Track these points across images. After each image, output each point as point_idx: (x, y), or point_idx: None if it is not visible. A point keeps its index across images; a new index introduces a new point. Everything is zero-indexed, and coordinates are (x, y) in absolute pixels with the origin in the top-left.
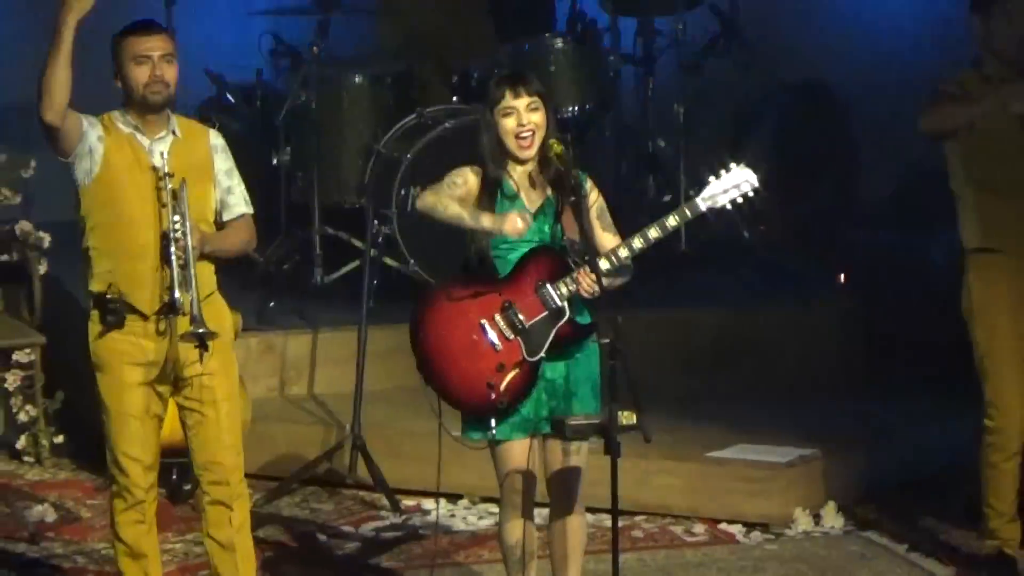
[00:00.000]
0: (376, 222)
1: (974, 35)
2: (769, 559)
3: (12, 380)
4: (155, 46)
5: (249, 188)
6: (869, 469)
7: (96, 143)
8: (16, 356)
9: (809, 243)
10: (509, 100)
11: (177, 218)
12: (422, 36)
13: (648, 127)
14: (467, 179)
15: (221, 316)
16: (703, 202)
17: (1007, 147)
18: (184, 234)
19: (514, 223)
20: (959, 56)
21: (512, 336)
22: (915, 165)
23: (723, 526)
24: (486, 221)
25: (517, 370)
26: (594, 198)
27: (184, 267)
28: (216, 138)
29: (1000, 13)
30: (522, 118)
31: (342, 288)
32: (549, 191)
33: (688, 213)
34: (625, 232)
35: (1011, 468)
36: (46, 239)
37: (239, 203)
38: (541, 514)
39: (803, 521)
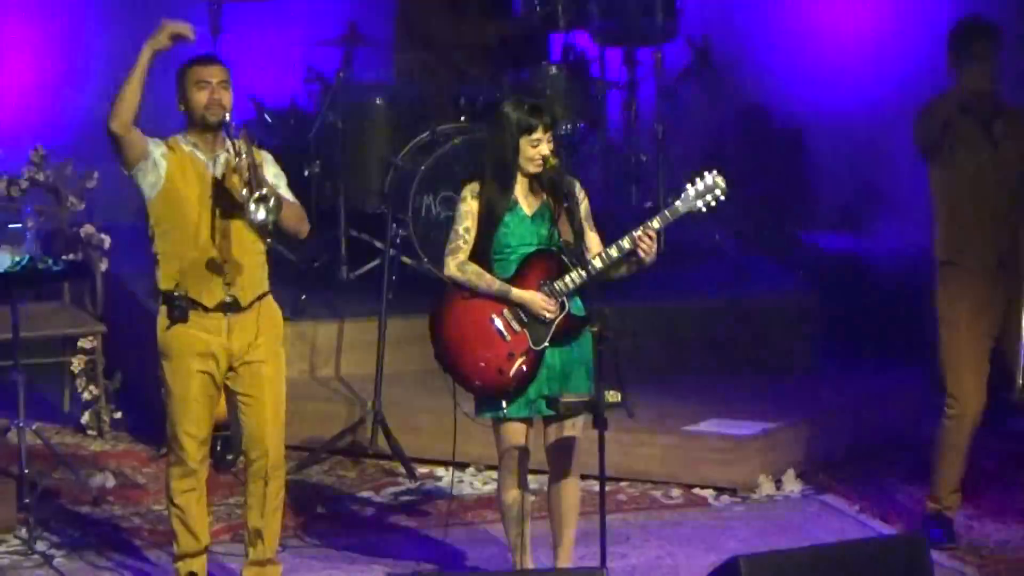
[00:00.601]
0: (394, 225)
1: (952, 71)
2: (736, 519)
3: (77, 363)
4: (214, 73)
5: None
6: (823, 440)
7: (160, 159)
8: (80, 342)
9: (773, 245)
10: (538, 134)
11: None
12: (433, 64)
13: (631, 143)
14: (470, 208)
15: (274, 314)
16: (683, 204)
17: (979, 180)
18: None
19: (545, 304)
20: (908, 89)
21: (519, 328)
22: (864, 178)
23: (696, 491)
24: (520, 295)
25: (524, 357)
26: (584, 203)
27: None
28: (264, 153)
29: (972, 54)
30: (543, 149)
31: (365, 283)
32: (545, 197)
33: (669, 216)
34: (613, 235)
35: (961, 446)
36: (106, 240)
37: (288, 196)
38: (537, 480)
39: (766, 486)
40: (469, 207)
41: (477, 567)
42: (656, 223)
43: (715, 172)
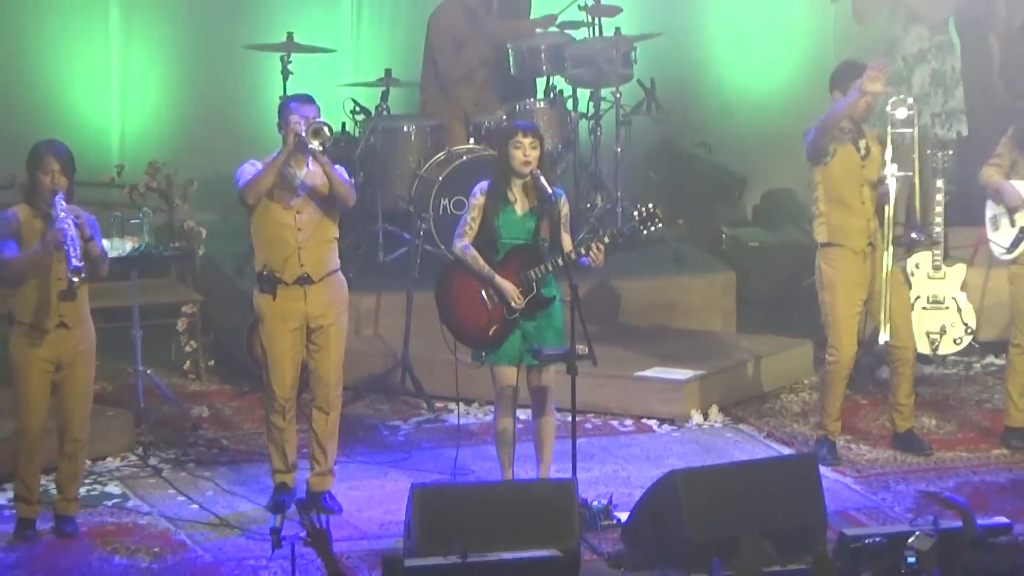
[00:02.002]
0: (419, 221)
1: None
2: (674, 443)
3: (181, 324)
4: (311, 113)
5: None
6: (739, 383)
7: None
8: (184, 308)
9: (703, 237)
10: (519, 138)
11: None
12: (450, 100)
13: (596, 161)
14: (478, 202)
15: (341, 286)
16: (629, 230)
17: (850, 179)
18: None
19: (516, 294)
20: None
21: (497, 301)
22: (772, 189)
23: (644, 421)
24: (501, 283)
25: (499, 323)
26: (565, 211)
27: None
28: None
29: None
30: (526, 150)
31: (396, 265)
32: (535, 202)
33: (617, 237)
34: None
35: (841, 386)
36: (203, 232)
37: (344, 175)
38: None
39: (696, 418)
40: (477, 202)
41: (480, 478)
42: (607, 240)
43: (653, 205)
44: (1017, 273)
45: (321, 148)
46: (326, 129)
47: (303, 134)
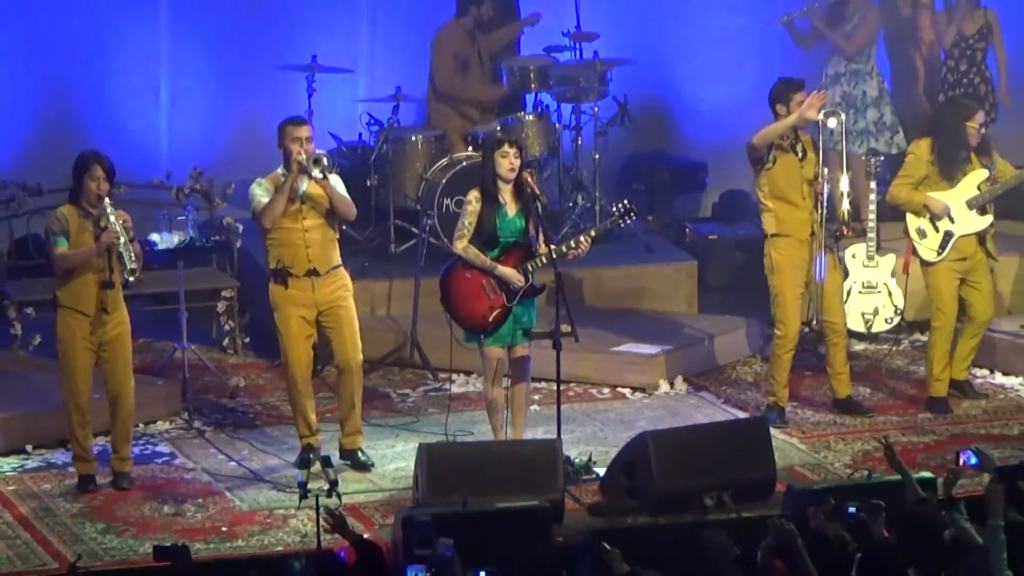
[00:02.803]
0: (425, 218)
1: (778, 116)
2: (644, 408)
3: (220, 306)
4: (303, 133)
5: (353, 198)
6: (701, 357)
7: (267, 195)
8: (223, 293)
9: (669, 231)
10: (505, 148)
11: (318, 170)
12: (451, 114)
13: (578, 166)
14: (472, 205)
15: (344, 278)
16: (609, 223)
17: (791, 179)
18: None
19: (519, 278)
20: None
21: (499, 291)
22: (728, 190)
23: (619, 389)
24: (504, 271)
25: (499, 310)
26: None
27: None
28: (334, 175)
29: (788, 101)
30: (510, 158)
31: (406, 255)
32: (521, 204)
33: (600, 230)
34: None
35: (787, 359)
36: (240, 227)
37: (343, 192)
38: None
39: (664, 387)
40: (472, 207)
41: (479, 438)
42: (593, 232)
43: (628, 201)
44: (936, 272)
45: (322, 175)
46: (325, 160)
47: (305, 164)
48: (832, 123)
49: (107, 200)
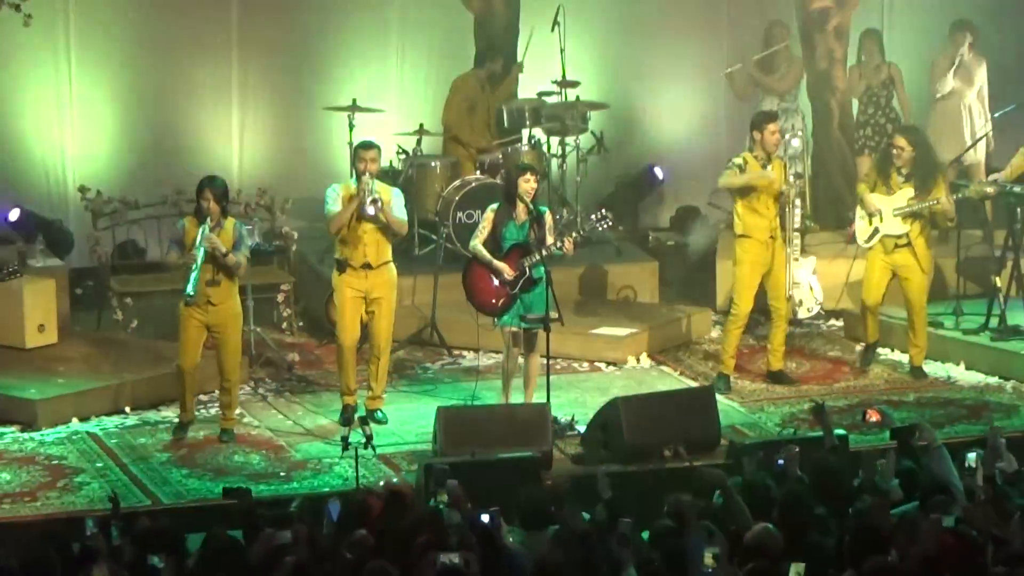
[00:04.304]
0: (442, 227)
1: (754, 140)
2: (616, 379)
3: (280, 297)
4: (370, 155)
5: None
6: (662, 338)
7: (339, 201)
8: (282, 286)
9: (635, 237)
10: (528, 175)
11: (373, 208)
12: (462, 144)
13: (563, 186)
14: (487, 218)
15: (392, 272)
16: (589, 225)
17: (760, 195)
18: (379, 202)
19: (509, 271)
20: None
21: (504, 282)
22: (682, 205)
23: (596, 364)
24: (498, 264)
25: (505, 297)
26: (550, 221)
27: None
28: (394, 189)
29: (763, 130)
30: (532, 182)
31: (427, 257)
32: (526, 215)
33: (585, 230)
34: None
35: (737, 334)
36: (295, 235)
37: (401, 212)
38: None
39: (632, 362)
40: (489, 216)
41: (485, 403)
42: (575, 235)
43: (605, 209)
44: (867, 255)
45: (373, 214)
46: (380, 201)
47: (365, 205)
48: (797, 143)
49: (206, 225)
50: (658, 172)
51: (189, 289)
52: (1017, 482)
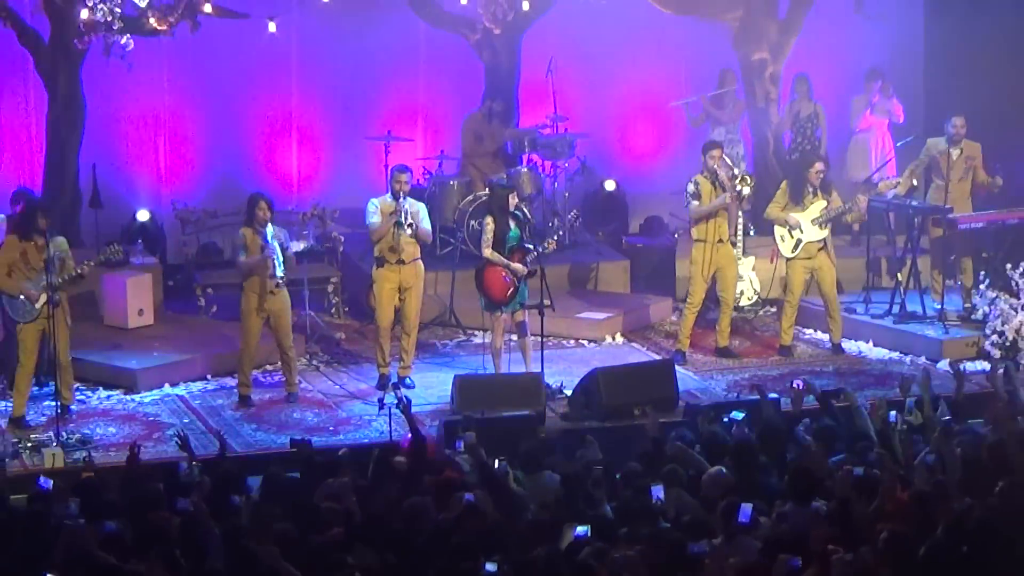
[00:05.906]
0: (458, 233)
1: (707, 165)
2: (596, 353)
3: (330, 287)
4: (403, 178)
5: None
6: (632, 321)
7: (379, 211)
8: (331, 279)
9: (611, 241)
10: (512, 194)
11: (410, 229)
12: (476, 168)
13: (555, 201)
14: (490, 225)
15: (421, 268)
16: (567, 222)
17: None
18: (414, 226)
19: (520, 270)
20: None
21: (512, 278)
22: (648, 215)
23: (581, 342)
24: (515, 266)
25: (513, 288)
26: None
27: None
28: (420, 204)
29: (711, 156)
30: (513, 200)
31: (447, 256)
32: (515, 222)
33: (563, 230)
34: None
35: (692, 318)
36: (341, 238)
37: (427, 223)
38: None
39: (609, 340)
40: (490, 227)
41: (491, 372)
42: (556, 238)
43: (576, 211)
44: (791, 264)
45: (406, 230)
46: (412, 222)
47: (402, 225)
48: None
49: (270, 225)
50: (607, 186)
51: (279, 271)
52: (922, 432)
